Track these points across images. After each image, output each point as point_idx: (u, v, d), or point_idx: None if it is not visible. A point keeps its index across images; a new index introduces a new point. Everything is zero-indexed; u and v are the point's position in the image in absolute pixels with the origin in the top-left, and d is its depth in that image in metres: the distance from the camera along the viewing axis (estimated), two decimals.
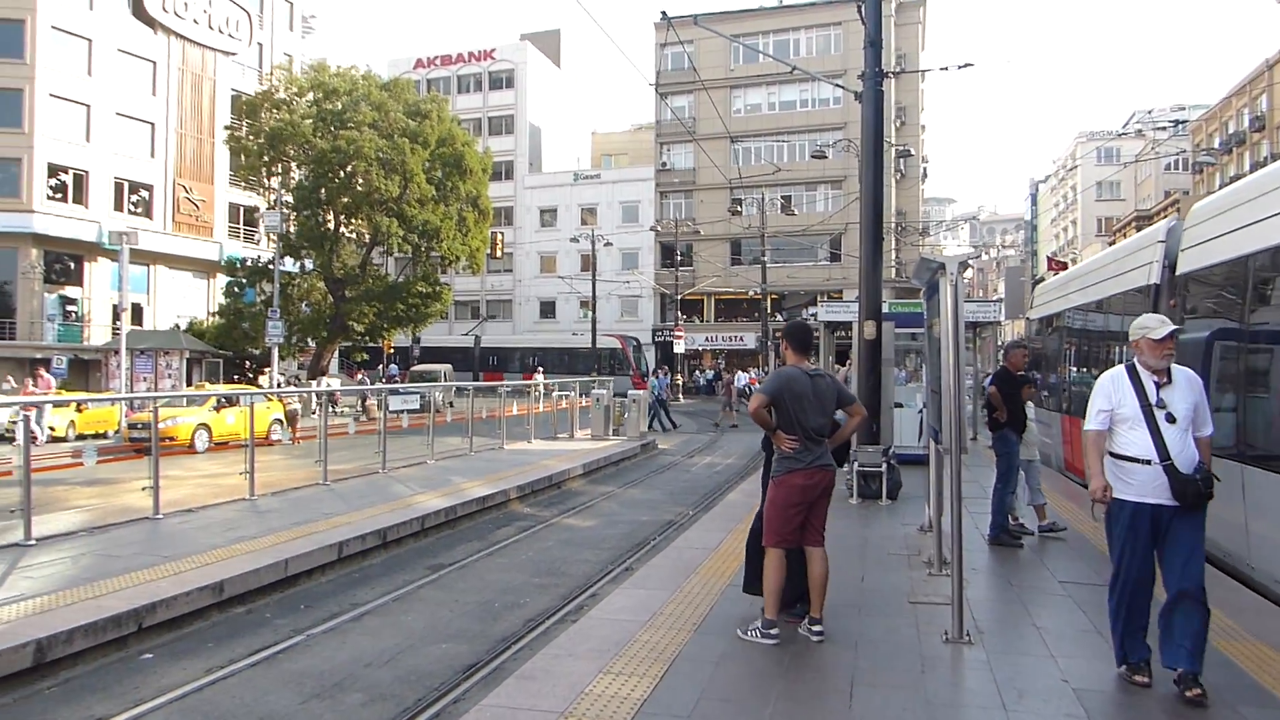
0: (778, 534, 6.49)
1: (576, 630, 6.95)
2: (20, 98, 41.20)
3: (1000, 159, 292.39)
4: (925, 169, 63.14)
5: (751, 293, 53.28)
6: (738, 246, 60.00)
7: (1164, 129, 59.47)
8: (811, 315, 57.97)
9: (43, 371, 25.94)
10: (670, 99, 59.99)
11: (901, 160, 53.40)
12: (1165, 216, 29.60)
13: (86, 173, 43.31)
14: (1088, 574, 8.48)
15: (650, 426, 29.40)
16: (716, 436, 28.80)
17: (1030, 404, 10.33)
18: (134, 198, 45.66)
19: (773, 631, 6.51)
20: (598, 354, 54.42)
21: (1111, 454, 5.63)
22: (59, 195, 42.46)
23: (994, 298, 41.40)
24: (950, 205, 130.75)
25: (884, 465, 12.47)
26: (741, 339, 60.09)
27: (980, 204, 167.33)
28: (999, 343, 22.81)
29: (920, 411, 15.92)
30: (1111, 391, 5.65)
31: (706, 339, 61.00)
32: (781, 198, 55.43)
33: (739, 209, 47.65)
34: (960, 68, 17.59)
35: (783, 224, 54.32)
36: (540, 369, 48.26)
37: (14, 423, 25.64)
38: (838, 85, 15.50)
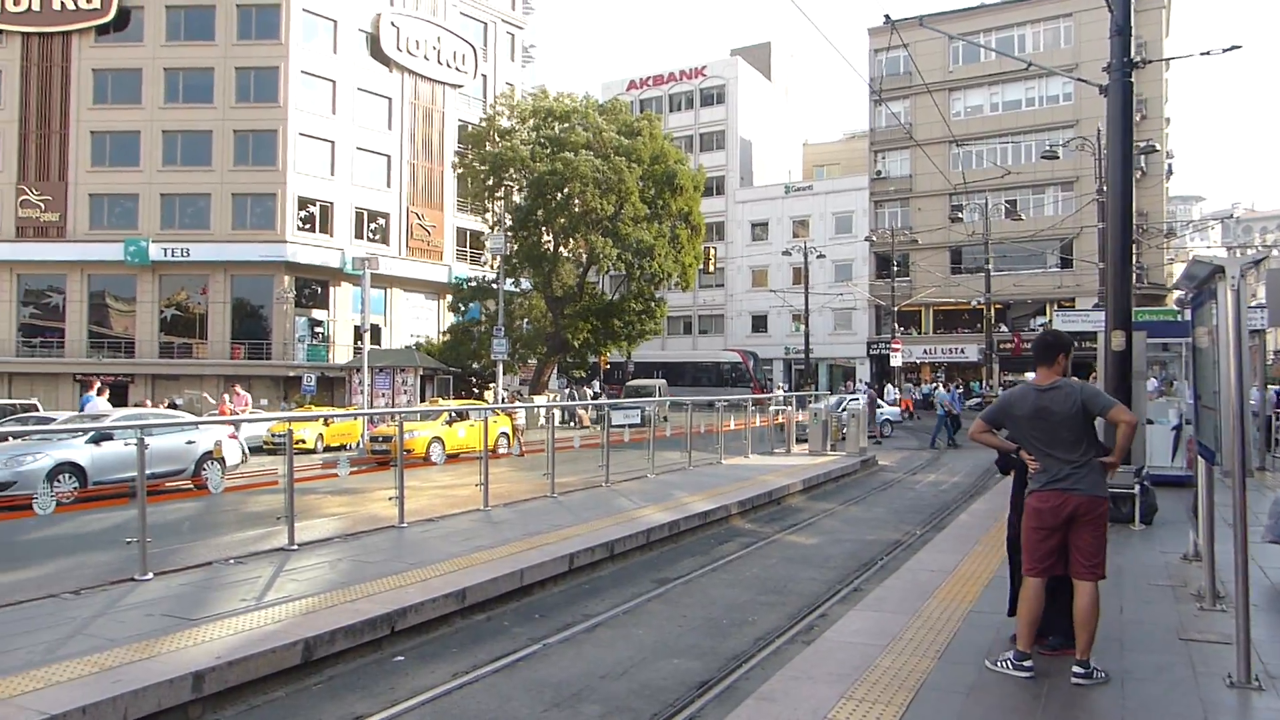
0: (1029, 560, 6.13)
1: (812, 653, 6.80)
2: (275, 138, 45.11)
3: (1258, 150, 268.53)
4: (1170, 165, 58.77)
5: (974, 303, 51.15)
6: (958, 255, 57.88)
7: None
8: (1041, 325, 55.30)
9: (238, 388, 27.30)
10: (885, 105, 58.70)
11: (1143, 157, 49.92)
12: None
13: (331, 204, 46.84)
14: None
15: (934, 444, 29.00)
16: (938, 454, 27.80)
17: None
18: (372, 225, 48.96)
19: (1026, 664, 6.13)
20: (719, 368, 55.08)
21: None
22: (307, 226, 46.12)
23: (1253, 303, 37.99)
24: (1198, 204, 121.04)
25: (1136, 487, 11.60)
26: (962, 351, 57.87)
27: (1235, 200, 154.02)
28: (1271, 353, 20.86)
29: (1175, 429, 14.75)
30: None
31: (925, 351, 59.12)
32: (1006, 202, 53.07)
33: (959, 215, 45.95)
34: (1225, 50, 16.13)
35: (1007, 230, 51.98)
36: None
37: (277, 436, 28.07)
38: (1081, 80, 14.59)
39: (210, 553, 10.74)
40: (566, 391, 47.69)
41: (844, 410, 25.23)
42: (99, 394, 22.01)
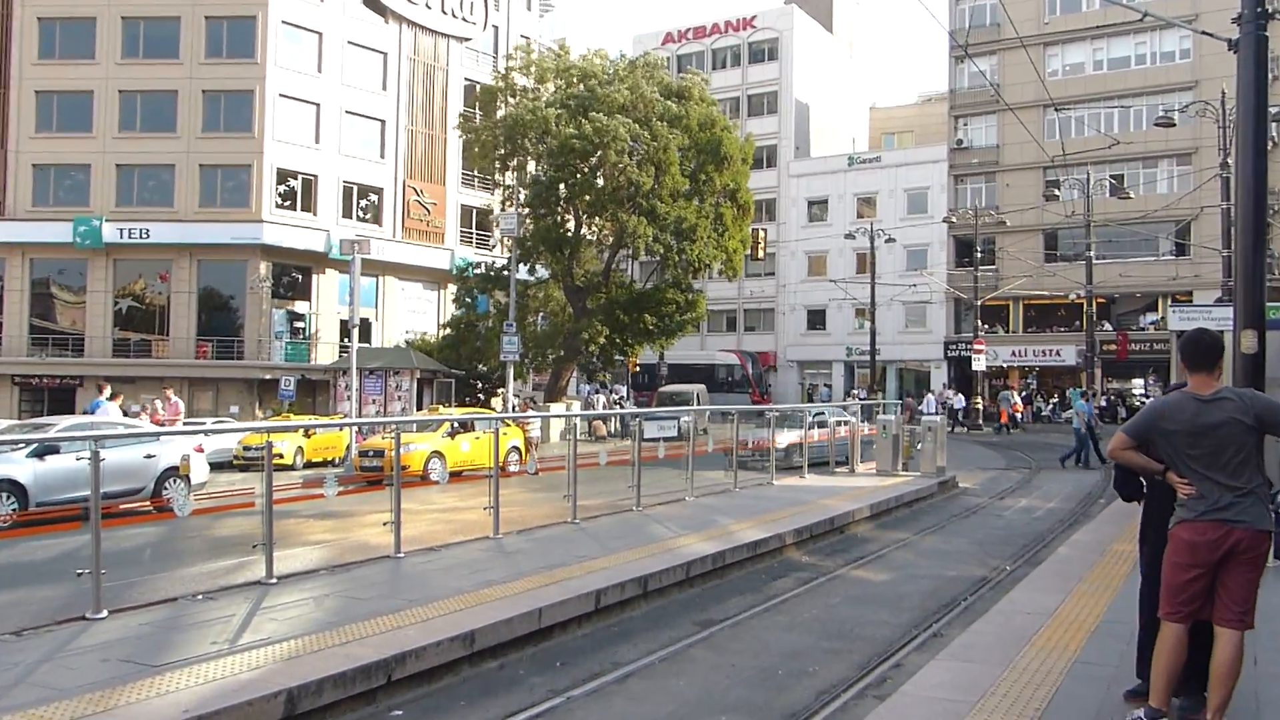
0: (1168, 601, 6.02)
1: (887, 710, 6.75)
2: (251, 100, 45.48)
3: None
4: None
5: (1071, 296, 50.77)
6: (1053, 239, 57.47)
7: None
8: (1152, 324, 54.82)
9: (170, 392, 26.63)
10: (968, 63, 58.38)
11: (1277, 124, 49.33)
12: None
13: (315, 177, 47.18)
14: None
15: (1067, 462, 28.81)
16: (1030, 475, 27.57)
17: None
18: (363, 203, 49.28)
19: None
20: (714, 371, 56.03)
21: None
22: (287, 203, 46.48)
23: None
24: None
25: (1273, 515, 11.41)
26: (1057, 353, 57.48)
27: None
28: None
29: None
30: None
31: (1013, 353, 58.78)
32: (1111, 177, 52.65)
33: (1056, 192, 45.55)
34: None
35: (1113, 210, 51.54)
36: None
37: (250, 449, 28.31)
38: (1203, 34, 14.41)
39: (175, 587, 10.82)
40: (600, 398, 47.74)
41: (920, 416, 25.05)
42: (111, 398, 21.44)
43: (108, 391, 21.89)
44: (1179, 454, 5.98)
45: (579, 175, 40.54)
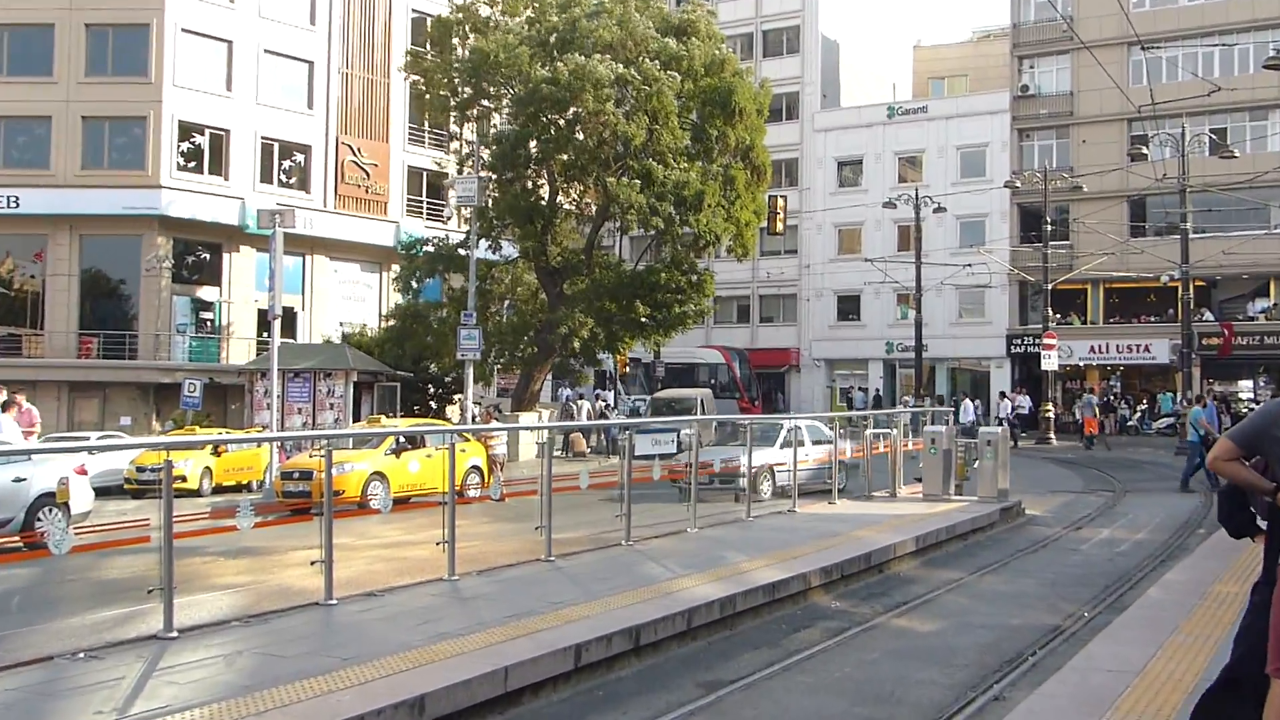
0: (1278, 656, 6.00)
1: None
2: (146, 36, 45.37)
3: None
4: None
5: (1163, 279, 50.87)
6: (1140, 208, 57.63)
7: None
8: (1262, 312, 54.97)
9: (21, 399, 25.46)
10: None
11: None
12: None
13: (226, 133, 47.11)
14: None
15: (1187, 486, 28.57)
16: (1113, 499, 27.60)
17: None
18: (286, 164, 49.25)
19: None
20: (694, 371, 56.89)
21: None
22: (192, 164, 46.41)
23: None
24: None
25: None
26: (1146, 349, 57.67)
27: None
28: None
29: None
30: None
31: (1091, 349, 58.93)
32: (1211, 132, 52.70)
33: (1143, 150, 45.64)
34: None
35: (1213, 172, 51.68)
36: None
37: (145, 470, 28.21)
38: None
39: (51, 643, 10.76)
40: (583, 406, 47.64)
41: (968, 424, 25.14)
42: (5, 409, 21.24)
43: (3, 397, 21.71)
44: None
45: (554, 129, 40.47)
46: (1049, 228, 51.81)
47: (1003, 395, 55.43)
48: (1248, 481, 6.11)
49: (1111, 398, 57.75)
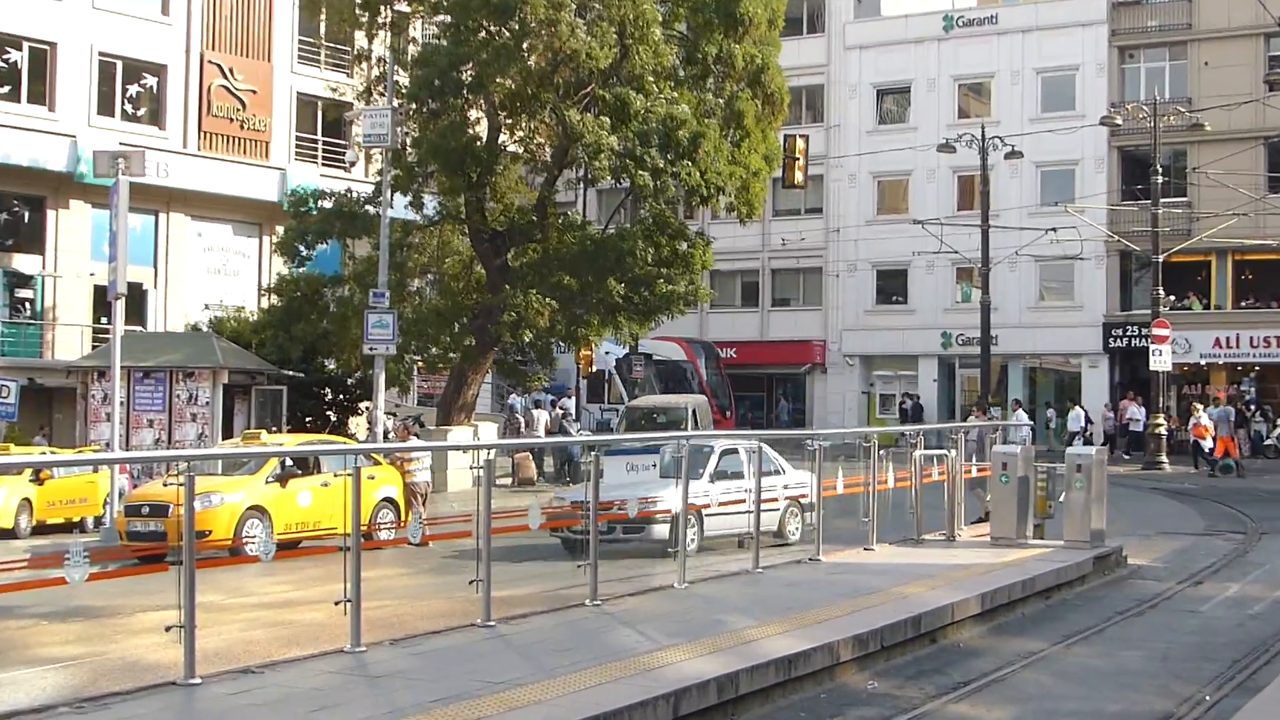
0: None
1: None
2: None
3: None
4: None
5: None
6: None
7: None
8: None
9: None
10: None
11: None
12: None
13: (50, 47, 46.93)
14: None
15: None
16: (1244, 544, 27.71)
17: None
18: (133, 90, 49.06)
19: None
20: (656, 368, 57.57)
21: None
22: (4, 90, 46.16)
23: None
24: None
25: None
26: None
27: None
28: None
29: None
30: None
31: (1216, 343, 59.04)
32: None
33: None
34: None
35: None
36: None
37: None
38: None
39: None
40: (541, 415, 47.61)
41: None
42: None
43: None
44: None
45: (492, 46, 40.11)
46: (1160, 179, 51.87)
47: (1018, 402, 55.60)
48: None
49: (1243, 407, 57.44)
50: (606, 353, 58.48)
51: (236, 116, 51.04)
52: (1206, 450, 48.38)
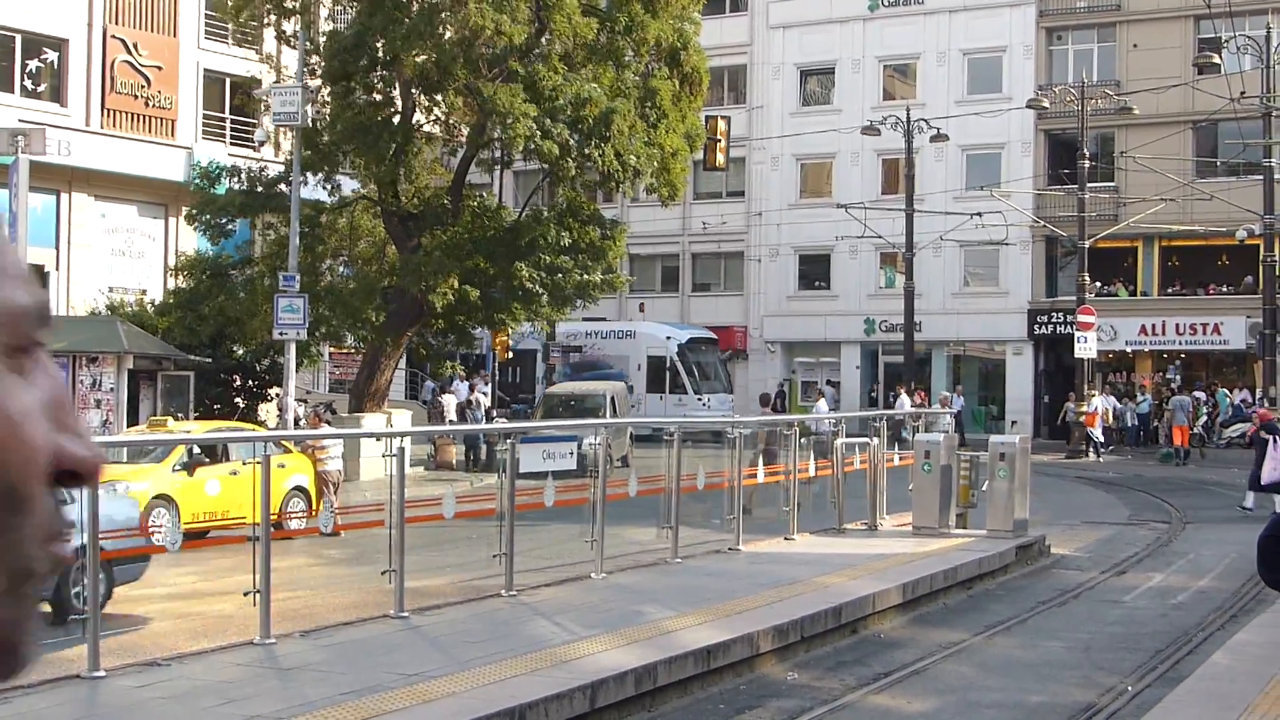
0: None
1: None
2: None
3: None
4: None
5: (1240, 235, 51.60)
6: (1210, 138, 58.42)
7: None
8: None
9: None
10: None
11: None
12: None
13: None
14: None
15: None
16: (1169, 533, 28.04)
17: None
18: (32, 65, 48.56)
19: None
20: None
21: None
22: None
23: None
24: None
25: None
26: (1216, 330, 58.42)
27: None
28: None
29: None
30: None
31: (1142, 330, 59.58)
32: None
33: (1214, 59, 46.35)
34: None
35: None
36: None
37: None
38: None
39: None
40: (449, 400, 47.47)
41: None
42: None
43: None
44: None
45: (405, 21, 39.95)
46: (1087, 164, 52.23)
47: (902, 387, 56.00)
48: None
49: (1166, 395, 57.44)
50: (668, 337, 58.16)
51: (141, 93, 50.59)
52: (1098, 439, 48.83)
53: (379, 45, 40.54)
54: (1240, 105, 47.76)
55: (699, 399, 55.88)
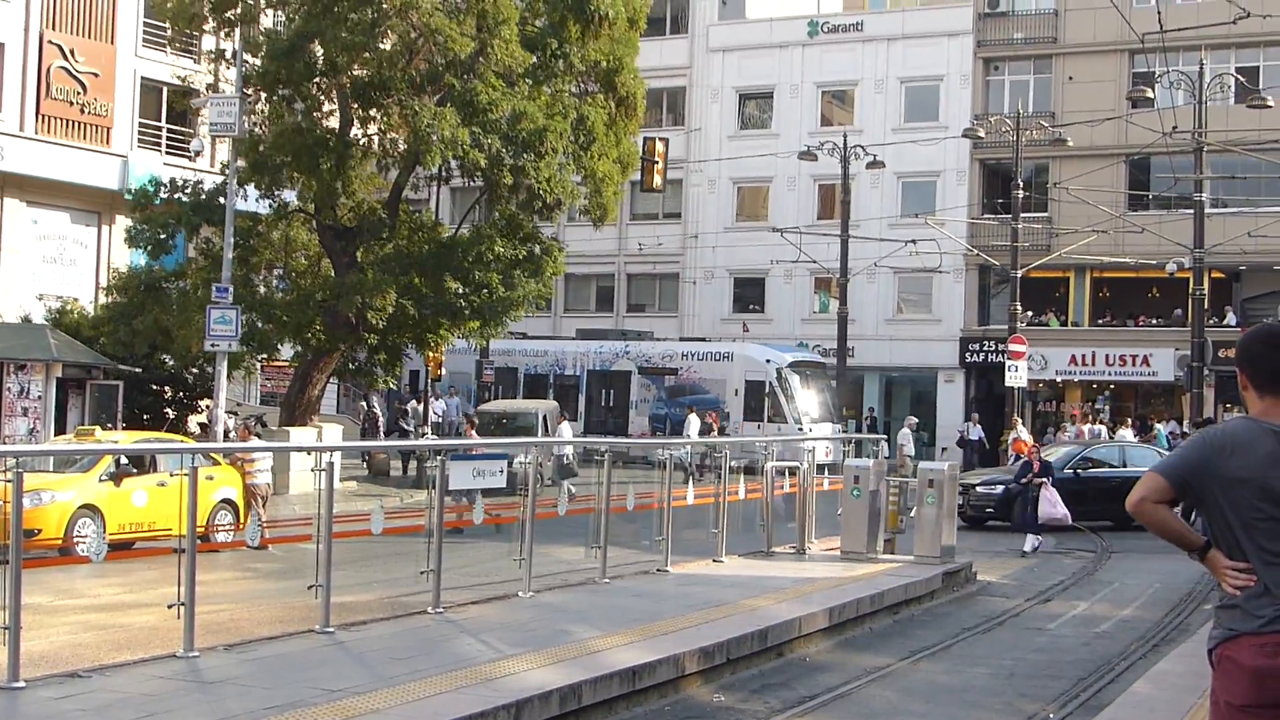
0: None
1: None
2: None
3: None
4: None
5: (1171, 268, 52.03)
6: (1143, 172, 58.88)
7: None
8: None
9: None
10: None
11: None
12: None
13: None
14: None
15: None
16: (1095, 561, 28.24)
17: None
18: None
19: None
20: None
21: None
22: None
23: None
24: None
25: None
26: (1145, 362, 58.84)
27: None
28: None
29: None
30: None
31: (1072, 360, 59.95)
32: (1238, 72, 53.82)
33: (1148, 94, 46.70)
34: None
35: (1240, 126, 52.88)
36: None
37: None
38: None
39: None
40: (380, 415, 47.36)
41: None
42: None
43: None
44: (1240, 520, 6.06)
45: (344, 32, 39.73)
46: (1021, 194, 52.44)
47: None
48: (1178, 534, 6.22)
49: (1100, 426, 57.90)
50: (768, 360, 56.89)
51: (77, 100, 50.29)
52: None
53: (318, 57, 40.34)
54: (1172, 140, 48.10)
55: (799, 429, 52.66)
